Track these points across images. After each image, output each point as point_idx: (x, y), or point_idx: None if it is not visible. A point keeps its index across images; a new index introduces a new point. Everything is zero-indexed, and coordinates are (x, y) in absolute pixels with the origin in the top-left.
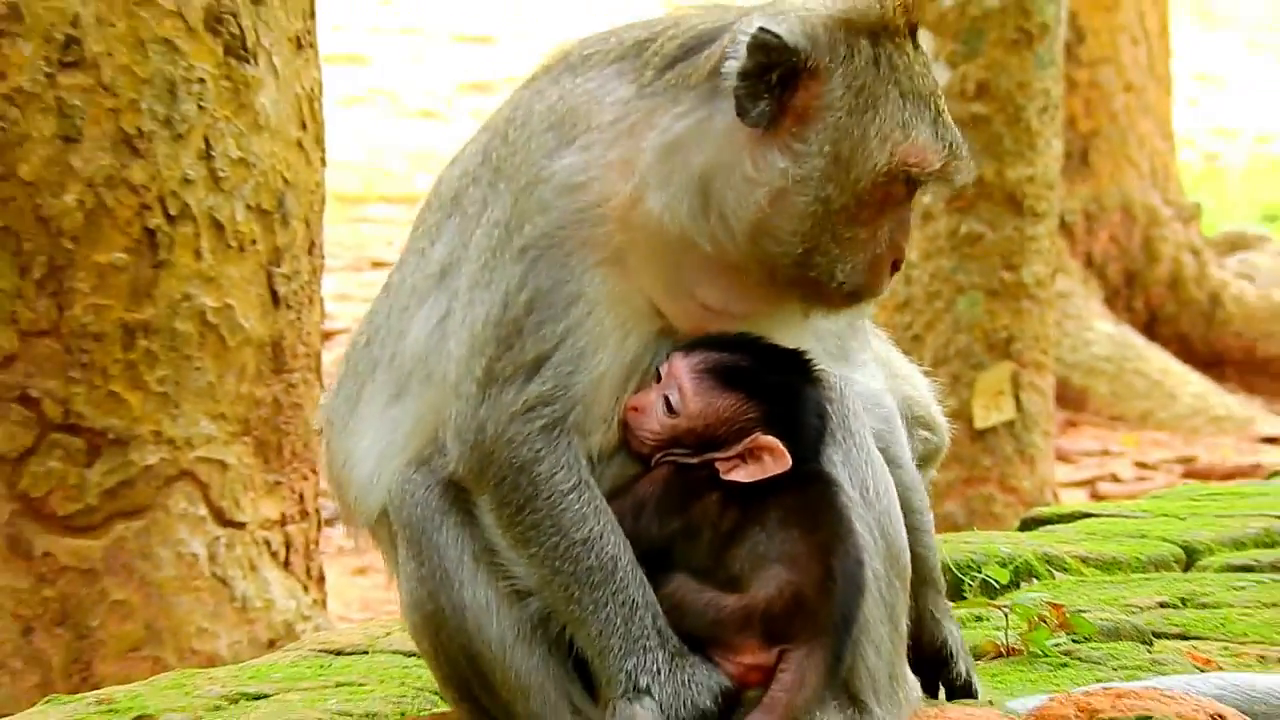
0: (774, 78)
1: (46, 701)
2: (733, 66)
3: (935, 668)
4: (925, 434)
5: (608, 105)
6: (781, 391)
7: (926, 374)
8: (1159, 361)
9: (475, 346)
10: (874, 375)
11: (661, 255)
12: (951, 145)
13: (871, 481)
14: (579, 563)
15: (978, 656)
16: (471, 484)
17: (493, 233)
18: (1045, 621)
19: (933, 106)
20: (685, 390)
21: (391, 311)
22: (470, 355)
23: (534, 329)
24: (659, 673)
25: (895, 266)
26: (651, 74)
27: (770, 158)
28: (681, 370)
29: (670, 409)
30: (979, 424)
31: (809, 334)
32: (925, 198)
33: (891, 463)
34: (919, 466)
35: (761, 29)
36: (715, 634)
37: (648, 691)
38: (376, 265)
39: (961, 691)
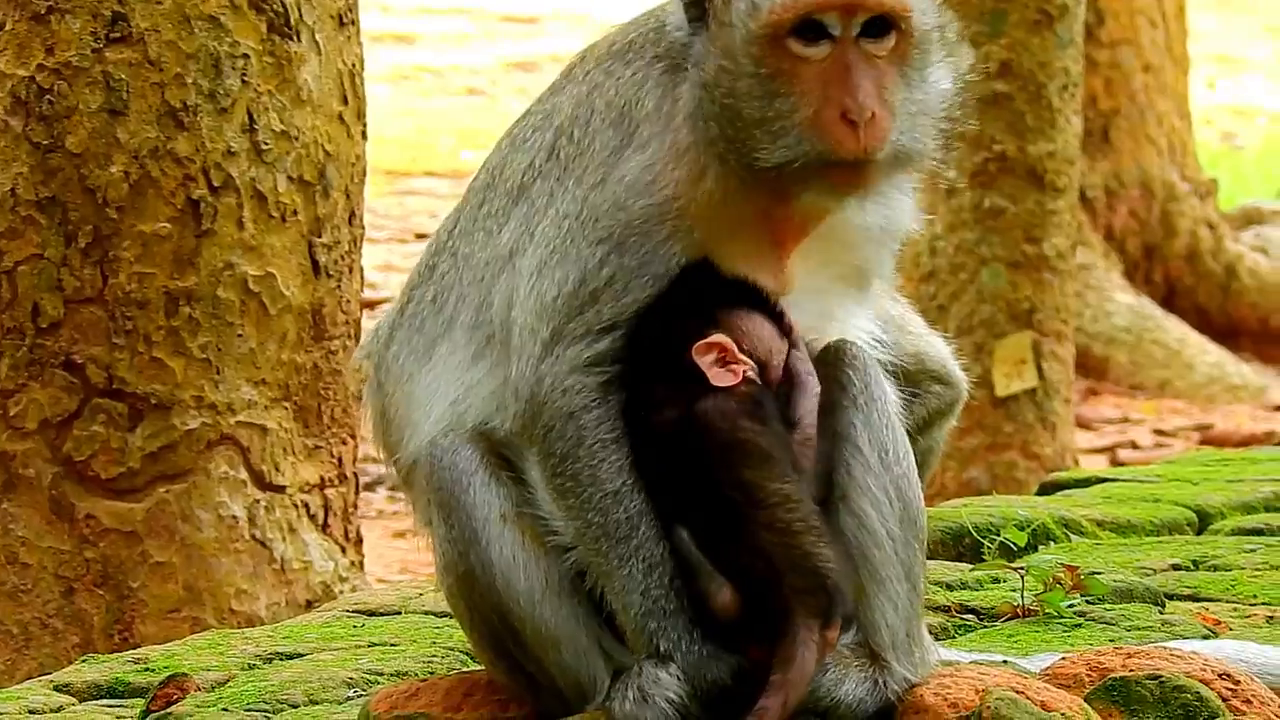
0: None
1: (84, 660)
2: None
3: None
4: (939, 388)
5: (648, 90)
6: None
7: (948, 340)
8: (1177, 332)
9: (544, 315)
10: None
11: (737, 228)
12: None
13: (891, 445)
14: (608, 514)
15: (995, 617)
16: (523, 439)
17: (562, 224)
18: (1060, 583)
19: None
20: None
21: (464, 279)
22: (537, 321)
23: (615, 298)
24: (679, 640)
25: (848, 118)
26: (665, 46)
27: (702, 81)
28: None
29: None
30: (1000, 392)
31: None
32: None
33: None
34: (934, 419)
35: None
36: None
37: (670, 658)
38: (421, 237)
39: None
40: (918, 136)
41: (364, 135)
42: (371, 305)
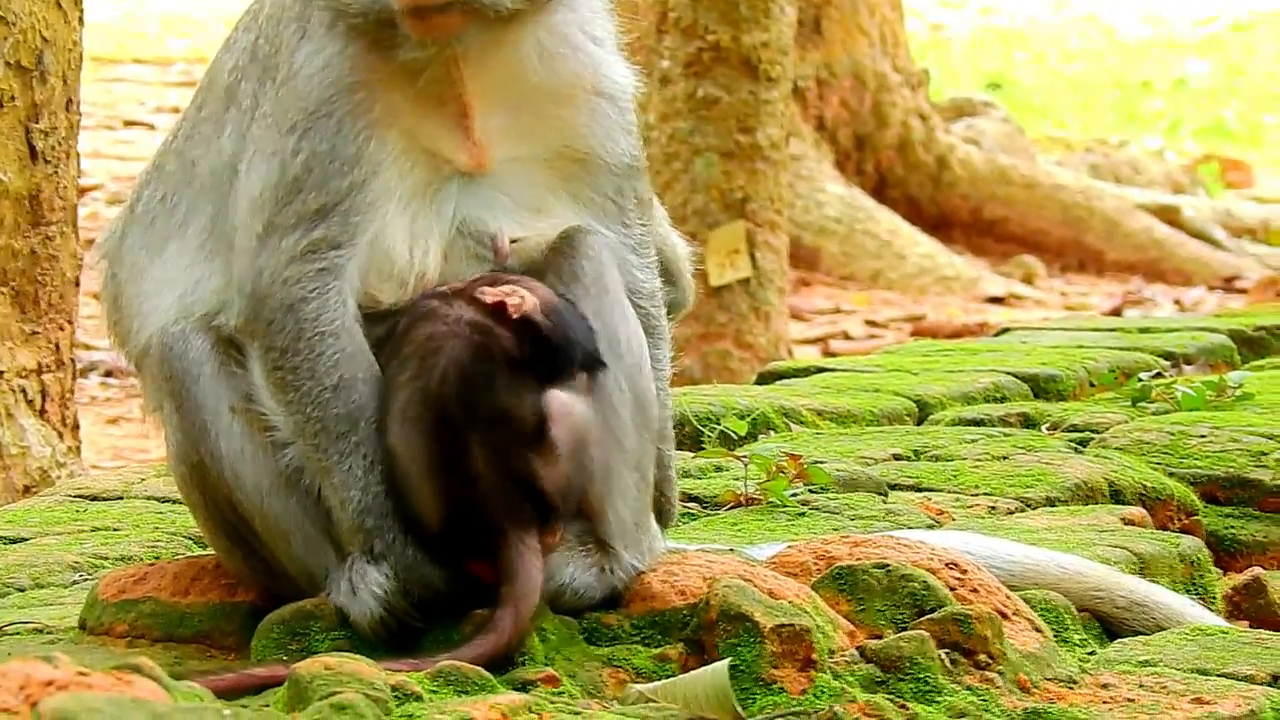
0: None
1: None
2: None
3: None
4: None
5: None
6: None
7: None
8: (888, 223)
9: (254, 210)
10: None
11: (414, 98)
12: None
13: (623, 335)
14: (327, 409)
15: (718, 505)
16: (245, 334)
17: (264, 122)
18: (783, 472)
19: None
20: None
21: (195, 185)
22: (250, 218)
23: (317, 183)
24: (394, 542)
25: None
26: None
27: None
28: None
29: None
30: (714, 281)
31: (588, 190)
32: None
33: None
34: None
35: None
36: None
37: (384, 557)
38: (129, 124)
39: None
40: None
41: (80, 21)
42: (84, 191)
